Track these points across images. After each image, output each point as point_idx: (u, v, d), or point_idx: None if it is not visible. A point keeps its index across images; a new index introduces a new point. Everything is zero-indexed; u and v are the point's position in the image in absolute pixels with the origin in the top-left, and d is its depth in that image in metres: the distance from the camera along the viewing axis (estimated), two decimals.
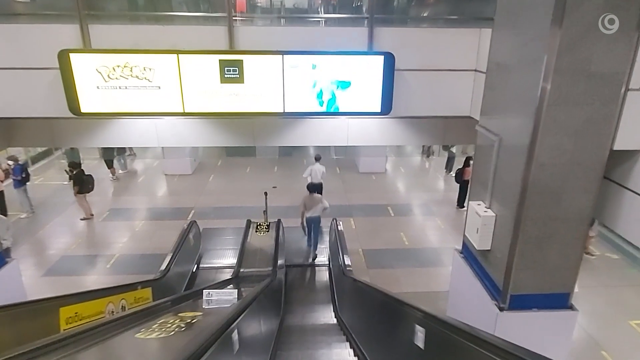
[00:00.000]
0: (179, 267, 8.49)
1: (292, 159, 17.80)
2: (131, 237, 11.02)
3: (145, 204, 13.06)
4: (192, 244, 9.51)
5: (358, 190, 14.46)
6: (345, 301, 7.67)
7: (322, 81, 5.52)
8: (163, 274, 7.53)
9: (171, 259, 8.10)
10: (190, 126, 7.83)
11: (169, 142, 7.94)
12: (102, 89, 5.30)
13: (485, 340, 2.25)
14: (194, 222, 9.86)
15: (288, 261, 9.78)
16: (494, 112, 5.22)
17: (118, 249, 10.39)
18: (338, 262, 8.29)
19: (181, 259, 8.68)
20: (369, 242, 10.94)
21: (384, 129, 8.02)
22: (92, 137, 7.70)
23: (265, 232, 9.49)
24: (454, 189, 14.34)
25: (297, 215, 10.56)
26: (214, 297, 4.30)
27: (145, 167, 16.44)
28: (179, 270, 8.54)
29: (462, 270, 6.01)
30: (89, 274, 9.31)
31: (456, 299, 6.37)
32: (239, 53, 5.38)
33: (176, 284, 8.22)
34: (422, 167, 17.32)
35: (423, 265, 10.07)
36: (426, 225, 12.16)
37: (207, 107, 5.50)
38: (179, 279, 8.45)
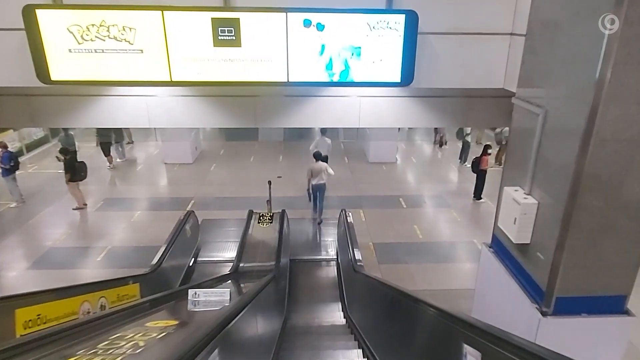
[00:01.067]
0: (173, 260, 7.77)
1: (298, 147, 17.01)
2: (125, 228, 10.32)
3: (142, 193, 12.35)
4: (189, 236, 8.78)
5: (368, 181, 13.66)
6: (356, 300, 6.91)
7: (333, 45, 4.71)
8: (154, 268, 6.81)
9: (164, 252, 7.38)
10: (185, 105, 7.06)
11: (161, 122, 7.18)
12: (75, 53, 4.53)
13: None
14: (192, 212, 9.13)
15: (293, 255, 9.03)
16: (536, 80, 4.39)
17: (111, 241, 9.69)
18: (347, 257, 7.52)
19: (176, 252, 7.96)
20: (380, 236, 10.16)
21: (399, 108, 7.19)
22: (75, 116, 6.95)
23: (268, 223, 8.74)
24: (469, 179, 13.50)
25: (303, 207, 9.95)
26: (201, 298, 3.55)
27: (144, 155, 15.73)
28: (174, 264, 7.83)
29: (492, 267, 5.22)
30: (77, 267, 8.63)
31: (484, 300, 5.58)
32: (235, 10, 4.59)
33: (170, 279, 7.51)
34: (434, 157, 16.46)
35: (439, 260, 9.28)
36: (441, 217, 11.34)
37: (198, 76, 4.71)
38: (173, 273, 7.73)
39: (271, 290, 6.41)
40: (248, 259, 7.42)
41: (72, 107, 6.88)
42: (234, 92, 6.99)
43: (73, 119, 6.99)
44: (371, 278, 6.14)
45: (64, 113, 6.91)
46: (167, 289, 7.02)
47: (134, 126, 7.35)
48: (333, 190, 12.77)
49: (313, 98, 7.07)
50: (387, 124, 7.36)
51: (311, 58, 4.74)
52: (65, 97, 6.84)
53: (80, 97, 6.84)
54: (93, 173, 13.66)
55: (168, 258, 7.43)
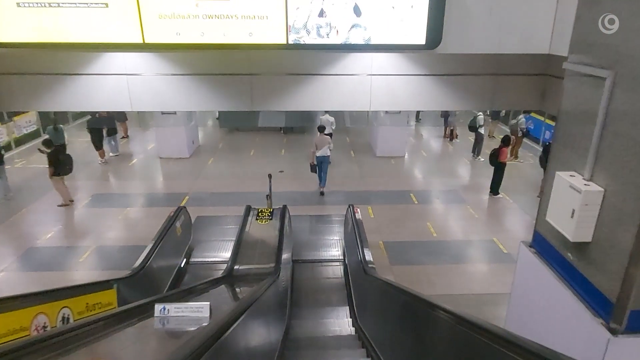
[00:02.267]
0: (161, 261, 6.93)
1: (300, 141, 16.13)
2: (113, 226, 9.48)
3: (133, 189, 11.52)
4: (180, 235, 7.93)
5: (376, 175, 12.77)
6: (367, 306, 6.03)
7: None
8: (136, 271, 5.97)
9: (150, 252, 6.54)
10: (172, 85, 6.21)
11: (145, 104, 6.33)
12: (24, 8, 3.67)
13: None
14: (183, 208, 8.27)
15: (296, 255, 8.17)
16: (600, 36, 3.50)
17: (96, 240, 8.85)
18: (357, 258, 6.65)
19: (165, 252, 7.12)
20: (391, 234, 9.28)
21: (415, 88, 6.31)
22: (46, 98, 6.11)
23: (267, 220, 7.87)
24: (484, 174, 12.62)
25: (307, 203, 9.22)
26: (171, 314, 2.69)
27: (140, 150, 14.89)
28: (162, 265, 6.98)
29: (534, 270, 4.33)
30: (56, 269, 7.80)
31: (525, 311, 4.68)
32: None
33: (156, 282, 6.66)
34: (445, 150, 15.55)
35: (457, 261, 8.39)
36: (456, 214, 10.44)
37: (177, 37, 3.85)
38: (161, 276, 6.88)
39: (271, 295, 5.56)
40: (244, 261, 6.55)
41: (42, 87, 6.04)
42: (228, 70, 6.13)
43: (43, 101, 6.14)
44: (385, 282, 5.29)
45: (33, 94, 6.07)
46: (152, 294, 6.18)
47: (113, 109, 6.51)
48: (339, 185, 11.91)
49: (317, 77, 6.21)
50: (402, 105, 6.48)
51: (315, 13, 3.86)
52: (34, 77, 6.01)
53: (51, 76, 6.00)
54: (83, 168, 12.89)
55: (154, 259, 6.58)
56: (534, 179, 12.19)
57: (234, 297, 5.52)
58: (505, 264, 8.20)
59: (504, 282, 7.65)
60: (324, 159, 11.14)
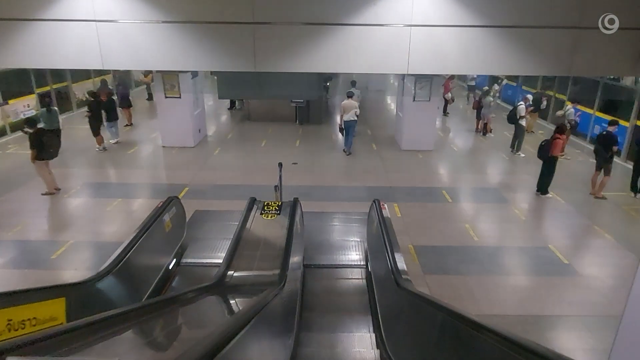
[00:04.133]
0: (141, 262, 5.60)
1: (317, 132, 14.72)
2: (98, 219, 8.22)
3: (128, 178, 10.27)
4: (170, 230, 6.58)
5: (401, 170, 11.26)
6: (401, 331, 4.56)
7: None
8: (99, 276, 4.62)
9: (124, 251, 5.20)
10: (154, 35, 4.85)
11: (120, 61, 5.00)
12: None
13: None
14: (175, 198, 6.93)
15: (308, 259, 6.75)
16: None
17: (76, 234, 7.59)
18: (385, 265, 5.19)
19: (147, 251, 5.79)
20: (422, 236, 7.78)
21: (468, 44, 4.83)
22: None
23: (274, 215, 6.46)
24: (526, 171, 11.04)
25: (322, 198, 8.84)
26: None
27: (143, 138, 13.66)
28: (143, 267, 5.66)
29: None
30: (20, 267, 6.52)
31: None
32: None
33: (132, 289, 5.30)
34: (478, 145, 13.91)
35: (506, 272, 6.86)
36: (499, 215, 8.87)
37: None
38: (139, 280, 5.53)
39: (274, 312, 4.15)
40: (241, 265, 5.15)
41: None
42: (224, 17, 4.74)
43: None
44: (428, 301, 3.86)
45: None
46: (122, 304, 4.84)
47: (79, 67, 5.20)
48: (359, 180, 10.47)
49: (340, 28, 4.78)
50: (450, 67, 5.01)
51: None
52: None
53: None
54: (79, 155, 11.75)
55: (131, 259, 5.24)
56: (584, 177, 10.51)
57: (220, 315, 4.12)
58: (568, 278, 6.62)
59: (570, 301, 6.09)
60: (350, 123, 12.00)
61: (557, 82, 15.70)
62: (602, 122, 13.04)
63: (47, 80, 15.19)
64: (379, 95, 21.58)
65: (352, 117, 11.89)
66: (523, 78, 18.39)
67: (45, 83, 15.09)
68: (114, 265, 4.90)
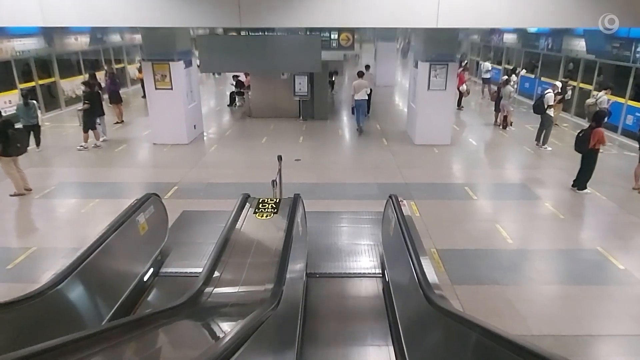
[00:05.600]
0: (104, 273, 4.51)
1: (322, 127, 13.61)
2: (69, 223, 7.15)
3: (110, 177, 9.19)
4: (146, 234, 5.48)
5: (416, 165, 10.11)
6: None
7: None
8: (39, 293, 3.52)
9: (78, 261, 4.11)
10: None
11: (65, 15, 3.91)
12: None
13: None
14: (153, 196, 5.84)
15: (312, 266, 5.63)
16: None
17: (41, 240, 6.54)
18: (408, 274, 4.06)
19: (113, 259, 4.71)
20: (447, 238, 6.62)
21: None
22: None
23: (270, 214, 5.34)
24: (556, 165, 9.90)
25: (329, 196, 8.05)
26: None
27: (132, 136, 12.60)
28: (105, 280, 4.56)
29: None
30: None
31: None
32: None
33: (88, 308, 4.20)
34: (498, 139, 12.71)
35: (552, 280, 5.71)
36: (533, 213, 7.70)
37: None
38: (100, 297, 4.42)
39: (263, 343, 3.05)
40: (225, 278, 4.03)
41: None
42: None
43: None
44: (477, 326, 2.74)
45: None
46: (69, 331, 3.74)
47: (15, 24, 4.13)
48: (369, 176, 9.34)
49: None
50: (490, 19, 3.88)
51: None
52: None
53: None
54: (59, 153, 10.72)
55: (87, 270, 4.15)
56: (622, 171, 9.30)
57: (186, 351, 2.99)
58: (628, 287, 5.44)
59: (634, 314, 4.90)
60: (362, 102, 12.40)
61: (582, 70, 14.50)
62: (635, 112, 11.82)
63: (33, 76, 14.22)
64: (387, 91, 20.44)
65: (363, 96, 12.28)
66: (542, 68, 17.20)
67: (30, 78, 14.13)
68: (60, 280, 3.81)
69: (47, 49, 14.81)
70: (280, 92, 14.47)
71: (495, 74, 19.23)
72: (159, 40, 10.71)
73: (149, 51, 11.08)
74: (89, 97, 10.90)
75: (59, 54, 15.46)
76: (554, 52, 15.99)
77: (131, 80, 20.71)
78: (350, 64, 29.56)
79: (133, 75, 20.60)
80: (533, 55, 18.14)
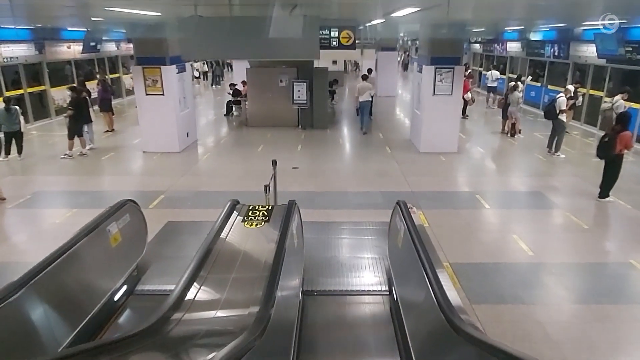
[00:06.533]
0: (61, 291, 3.82)
1: (322, 136, 12.99)
2: (40, 234, 6.48)
3: (91, 186, 8.54)
4: (119, 246, 4.79)
5: (422, 174, 9.45)
6: None
7: None
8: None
9: (31, 274, 3.44)
10: None
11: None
12: None
13: None
14: (129, 202, 5.16)
15: (309, 283, 4.92)
16: None
17: (6, 253, 5.82)
18: (423, 293, 3.38)
19: (77, 273, 4.04)
20: (460, 251, 5.92)
21: None
22: None
23: (261, 222, 4.66)
24: (572, 172, 9.25)
25: (329, 205, 7.46)
26: None
27: (121, 144, 11.98)
28: (67, 296, 3.88)
29: None
30: None
31: None
32: None
33: (38, 332, 3.49)
34: (507, 147, 12.07)
35: (585, 298, 4.98)
36: (553, 223, 7.04)
37: None
38: (54, 319, 3.72)
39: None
40: (202, 298, 3.34)
41: None
42: None
43: None
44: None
45: None
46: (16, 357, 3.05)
47: None
48: (372, 184, 8.68)
49: None
50: None
51: None
52: None
53: None
54: (41, 161, 10.09)
55: (44, 285, 3.48)
56: None
57: None
58: None
59: None
60: (366, 104, 12.84)
61: (591, 77, 13.94)
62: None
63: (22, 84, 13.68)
64: (389, 101, 19.90)
65: (367, 97, 12.71)
66: (548, 76, 16.67)
67: (19, 86, 13.58)
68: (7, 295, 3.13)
69: (38, 56, 14.30)
70: (278, 100, 13.89)
71: (500, 83, 18.70)
72: (150, 43, 10.18)
73: (139, 54, 10.53)
74: (75, 102, 10.31)
75: (50, 61, 14.95)
76: (561, 58, 15.46)
77: (126, 90, 20.21)
78: (351, 76, 29.16)
79: (128, 86, 20.10)
80: (538, 63, 17.64)
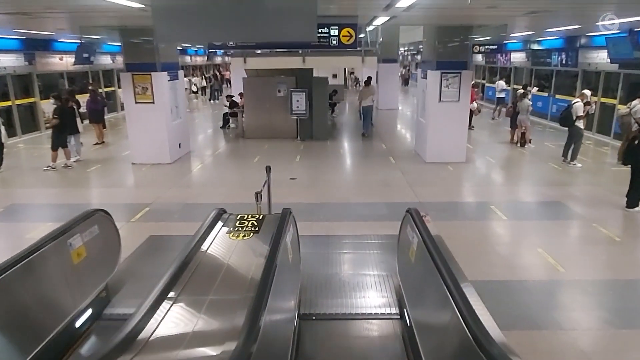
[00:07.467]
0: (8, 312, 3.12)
1: (321, 147, 12.36)
2: (6, 249, 5.73)
3: (71, 199, 7.86)
4: (83, 262, 4.09)
5: (430, 184, 8.77)
6: None
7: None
8: None
9: None
10: None
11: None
12: None
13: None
14: (98, 212, 4.49)
15: (306, 306, 4.20)
16: None
17: None
18: (450, 319, 2.66)
19: (26, 294, 3.35)
20: (479, 267, 5.20)
21: None
22: None
23: (249, 234, 3.96)
24: (590, 181, 8.60)
25: (329, 217, 6.84)
26: None
27: (110, 156, 11.35)
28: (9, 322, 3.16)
29: None
30: None
31: None
32: None
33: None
34: (518, 157, 11.40)
35: (631, 321, 4.21)
36: (581, 235, 6.33)
37: None
38: None
39: None
40: (162, 337, 2.63)
41: None
42: None
43: None
44: None
45: None
46: None
47: None
48: (376, 195, 8.00)
49: None
50: None
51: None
52: None
53: None
54: (22, 174, 9.45)
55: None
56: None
57: None
58: None
59: None
60: (368, 108, 13.31)
61: (602, 84, 13.37)
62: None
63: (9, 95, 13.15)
64: (391, 114, 19.36)
65: (369, 102, 13.22)
66: (556, 86, 16.12)
67: (7, 98, 13.04)
68: None
69: (28, 67, 13.80)
70: (276, 111, 13.32)
71: (506, 94, 18.18)
72: (139, 47, 9.66)
73: (129, 60, 10.00)
74: (60, 111, 9.72)
75: (40, 72, 14.45)
76: (570, 66, 14.93)
77: (121, 105, 19.70)
78: (351, 92, 28.73)
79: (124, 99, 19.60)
80: (543, 73, 17.13)
